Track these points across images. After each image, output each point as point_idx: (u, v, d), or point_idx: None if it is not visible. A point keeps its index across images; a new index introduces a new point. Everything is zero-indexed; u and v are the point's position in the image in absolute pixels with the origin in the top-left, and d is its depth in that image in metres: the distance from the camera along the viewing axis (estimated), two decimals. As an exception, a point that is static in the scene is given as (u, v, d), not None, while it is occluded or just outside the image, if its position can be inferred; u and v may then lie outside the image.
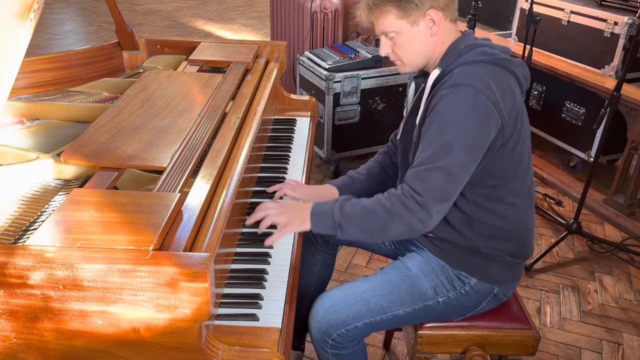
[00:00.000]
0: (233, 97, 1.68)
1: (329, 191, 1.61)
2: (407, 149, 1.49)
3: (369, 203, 1.35)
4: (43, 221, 1.10)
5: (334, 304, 1.46)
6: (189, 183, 1.24)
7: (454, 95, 1.29)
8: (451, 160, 1.28)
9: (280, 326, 1.18)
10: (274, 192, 1.59)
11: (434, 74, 1.38)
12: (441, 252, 1.48)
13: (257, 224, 1.42)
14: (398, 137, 1.58)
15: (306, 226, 1.39)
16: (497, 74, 1.33)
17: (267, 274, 1.33)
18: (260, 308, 1.22)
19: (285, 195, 1.58)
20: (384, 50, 1.41)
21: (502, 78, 1.34)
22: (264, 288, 1.28)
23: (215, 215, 1.17)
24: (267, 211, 1.41)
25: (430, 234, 1.48)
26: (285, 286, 1.30)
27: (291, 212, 1.40)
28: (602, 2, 3.11)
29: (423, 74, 1.50)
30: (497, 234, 1.44)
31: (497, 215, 1.42)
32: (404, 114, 1.61)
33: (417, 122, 1.42)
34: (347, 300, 1.46)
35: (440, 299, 1.47)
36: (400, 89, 3.19)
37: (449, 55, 1.37)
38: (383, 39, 1.40)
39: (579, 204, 2.61)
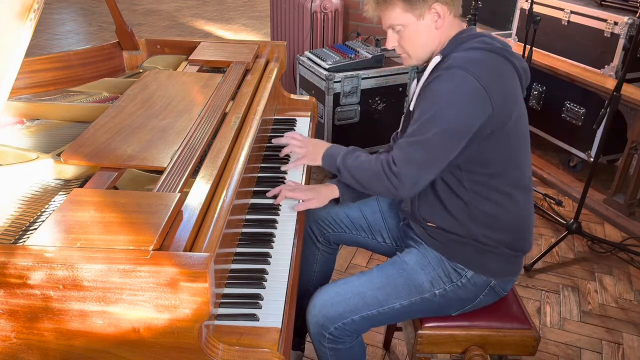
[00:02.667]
0: (233, 97, 1.68)
1: (329, 191, 1.61)
2: None
3: (365, 160, 1.47)
4: (43, 221, 1.10)
5: (331, 298, 1.47)
6: (189, 183, 1.24)
7: (446, 76, 1.34)
8: (429, 136, 1.34)
9: (280, 326, 1.17)
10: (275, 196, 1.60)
11: (435, 60, 1.42)
12: (438, 245, 1.50)
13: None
14: (399, 129, 1.60)
15: (317, 162, 1.59)
16: (493, 60, 1.37)
17: (267, 274, 1.33)
18: (260, 308, 1.22)
19: (286, 197, 1.58)
20: (391, 43, 1.46)
21: (498, 64, 1.37)
22: (264, 288, 1.28)
23: (215, 215, 1.17)
24: (291, 140, 1.65)
25: (429, 223, 1.50)
26: (285, 286, 1.30)
27: (310, 147, 1.63)
28: (602, 2, 3.11)
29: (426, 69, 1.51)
30: (495, 223, 1.45)
31: (495, 203, 1.43)
32: (404, 109, 1.63)
33: (412, 106, 1.45)
34: (343, 293, 1.47)
35: (436, 292, 1.48)
36: (400, 89, 3.19)
37: (450, 44, 1.42)
38: (390, 33, 1.45)
39: (579, 204, 2.61)
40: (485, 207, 1.43)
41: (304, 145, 1.64)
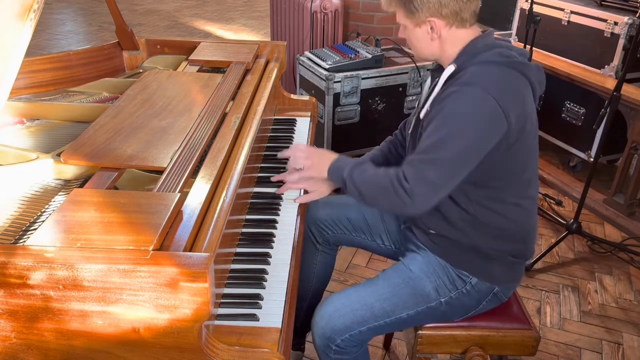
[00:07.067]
0: (233, 97, 1.68)
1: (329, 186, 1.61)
2: (417, 144, 1.48)
3: (372, 174, 1.44)
4: (43, 221, 1.10)
5: (338, 310, 1.45)
6: (189, 183, 1.24)
7: (463, 93, 1.31)
8: (444, 156, 1.31)
9: (280, 326, 1.17)
10: (279, 186, 1.60)
11: (449, 69, 1.39)
12: (442, 251, 1.49)
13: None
14: (408, 130, 1.58)
15: (324, 174, 1.54)
16: (510, 77, 1.33)
17: (267, 274, 1.33)
18: (260, 308, 1.22)
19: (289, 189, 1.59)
20: (401, 34, 1.48)
21: (515, 82, 1.34)
22: (264, 288, 1.28)
23: (215, 215, 1.17)
24: (296, 152, 1.60)
25: (432, 232, 1.49)
26: (285, 286, 1.30)
27: (315, 159, 1.57)
28: (602, 2, 3.11)
29: (439, 67, 1.49)
30: (501, 234, 1.44)
31: (501, 215, 1.42)
32: (416, 105, 1.61)
33: (422, 115, 1.43)
34: (350, 305, 1.45)
35: (442, 300, 1.47)
36: (400, 89, 3.19)
37: (465, 53, 1.38)
38: (401, 25, 1.46)
39: (579, 204, 2.61)
40: (490, 219, 1.42)
41: (309, 157, 1.59)
